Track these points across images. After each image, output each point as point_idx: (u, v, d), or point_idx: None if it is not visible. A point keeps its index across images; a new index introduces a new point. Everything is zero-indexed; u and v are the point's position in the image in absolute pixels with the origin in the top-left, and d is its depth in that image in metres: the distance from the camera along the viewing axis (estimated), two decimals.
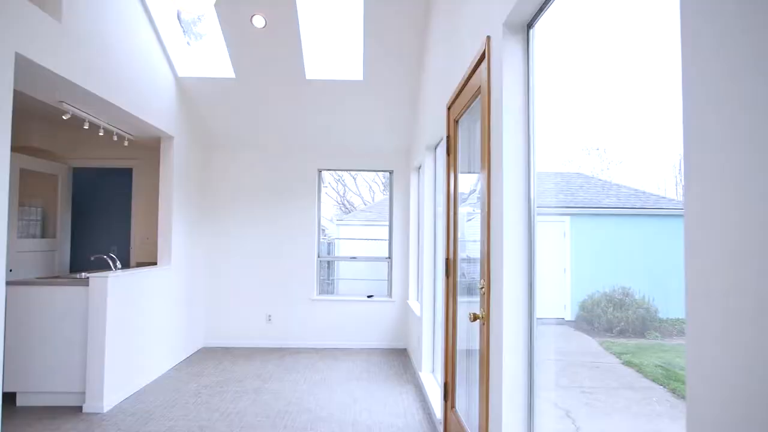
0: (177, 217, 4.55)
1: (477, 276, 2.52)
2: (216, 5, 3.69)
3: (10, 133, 2.47)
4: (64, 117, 3.57)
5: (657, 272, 2.30)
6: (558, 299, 2.88)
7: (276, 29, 3.94)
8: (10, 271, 4.40)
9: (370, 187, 12.87)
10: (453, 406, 2.67)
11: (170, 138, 4.47)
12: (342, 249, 9.38)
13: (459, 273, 2.70)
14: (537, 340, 1.79)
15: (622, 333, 2.50)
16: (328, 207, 12.37)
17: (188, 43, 4.50)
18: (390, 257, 5.41)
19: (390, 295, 5.38)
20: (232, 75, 4.41)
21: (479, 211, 2.55)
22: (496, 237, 1.86)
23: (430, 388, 3.58)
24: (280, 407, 3.43)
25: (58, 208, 5.22)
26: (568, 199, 3.01)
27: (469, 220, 2.83)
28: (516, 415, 1.76)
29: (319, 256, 5.40)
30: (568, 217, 3.00)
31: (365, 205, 12.28)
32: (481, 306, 2.02)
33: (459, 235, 2.71)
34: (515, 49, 1.79)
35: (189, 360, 4.70)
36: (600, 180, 2.92)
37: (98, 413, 3.30)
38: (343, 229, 9.93)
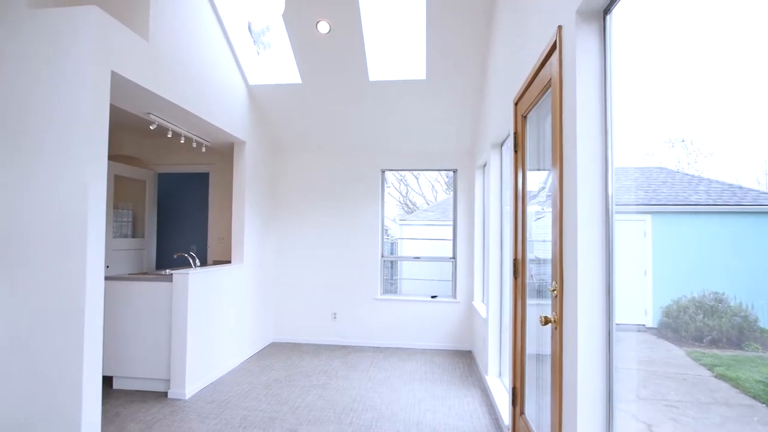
0: (249, 218, 4.80)
1: (546, 277, 2.41)
2: (284, 14, 3.85)
3: (107, 143, 2.74)
4: (151, 127, 3.90)
5: (757, 276, 2.05)
6: (638, 304, 2.67)
7: (340, 34, 4.03)
8: (107, 267, 4.88)
9: (433, 186, 12.77)
10: (522, 412, 2.58)
11: (242, 143, 4.73)
12: (405, 249, 9.40)
13: (527, 274, 2.60)
14: (615, 347, 1.67)
15: (714, 343, 2.26)
16: (391, 207, 12.44)
17: (258, 52, 4.74)
18: (454, 257, 5.34)
19: (454, 295, 5.30)
20: (299, 80, 4.58)
21: (549, 209, 2.44)
22: (569, 237, 1.76)
23: (497, 392, 3.48)
24: (345, 403, 3.50)
25: (146, 210, 5.71)
26: (648, 196, 2.78)
27: (538, 219, 2.72)
28: (592, 425, 1.66)
29: (382, 256, 5.45)
30: (648, 216, 2.77)
31: (428, 204, 12.20)
32: (553, 309, 1.93)
33: (527, 234, 2.61)
34: (590, 37, 1.69)
35: (260, 354, 4.94)
36: (686, 174, 2.67)
37: (181, 399, 3.56)
38: (405, 229, 9.95)
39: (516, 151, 2.70)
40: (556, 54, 1.90)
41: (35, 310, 2.58)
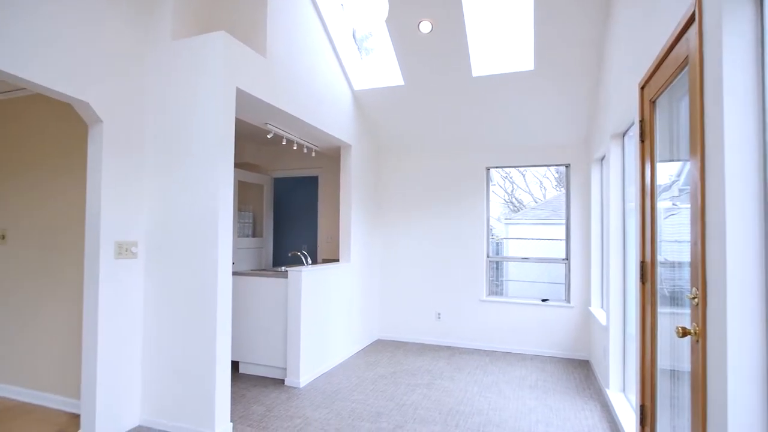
0: (355, 218, 4.99)
1: (682, 283, 2.11)
2: (386, 18, 3.93)
3: (234, 152, 3.04)
4: (268, 136, 4.25)
5: None
6: None
7: (442, 32, 3.99)
8: (233, 263, 5.44)
9: (541, 183, 12.01)
10: None
11: (348, 147, 4.93)
12: (511, 249, 9.01)
13: (656, 278, 2.31)
14: None
15: None
16: (495, 206, 12.01)
17: (360, 58, 4.90)
18: (567, 258, 4.97)
19: (568, 300, 4.94)
20: (401, 82, 4.64)
21: (685, 205, 2.14)
22: (713, 236, 1.52)
23: (621, 408, 3.15)
24: (451, 405, 3.45)
25: (264, 212, 6.26)
26: None
27: (669, 216, 2.40)
28: None
29: (488, 256, 5.28)
30: None
31: (536, 202, 11.53)
32: (693, 319, 1.68)
33: (656, 234, 2.31)
34: (741, 3, 1.43)
35: (366, 350, 5.10)
36: None
37: (296, 387, 3.82)
38: (511, 229, 9.53)
39: (642, 141, 2.41)
40: (693, 27, 1.65)
41: (178, 301, 2.97)
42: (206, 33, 3.11)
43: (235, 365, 4.25)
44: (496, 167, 5.35)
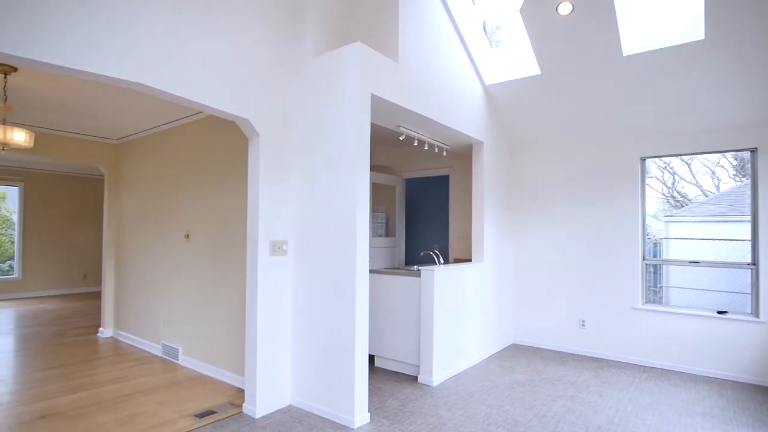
0: (488, 217, 4.83)
1: None
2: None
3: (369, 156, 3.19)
4: (400, 138, 4.36)
5: None
6: None
7: (585, 11, 3.62)
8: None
9: (713, 172, 10.06)
10: None
11: (480, 144, 4.79)
12: (672, 251, 7.78)
13: None
14: None
15: None
16: (652, 201, 10.49)
17: (491, 50, 4.71)
18: (754, 263, 4.08)
19: (756, 313, 4.05)
20: (537, 72, 4.34)
21: None
22: None
23: None
24: (600, 423, 3.11)
25: (396, 213, 6.44)
26: None
27: None
28: None
29: (644, 259, 4.64)
30: None
31: (705, 196, 9.73)
32: None
33: None
34: None
35: (500, 354, 4.89)
36: None
37: (429, 385, 3.84)
38: (673, 227, 8.22)
39: None
40: None
41: (321, 296, 3.22)
42: (343, 44, 3.31)
43: (371, 359, 4.45)
44: (654, 157, 4.65)
